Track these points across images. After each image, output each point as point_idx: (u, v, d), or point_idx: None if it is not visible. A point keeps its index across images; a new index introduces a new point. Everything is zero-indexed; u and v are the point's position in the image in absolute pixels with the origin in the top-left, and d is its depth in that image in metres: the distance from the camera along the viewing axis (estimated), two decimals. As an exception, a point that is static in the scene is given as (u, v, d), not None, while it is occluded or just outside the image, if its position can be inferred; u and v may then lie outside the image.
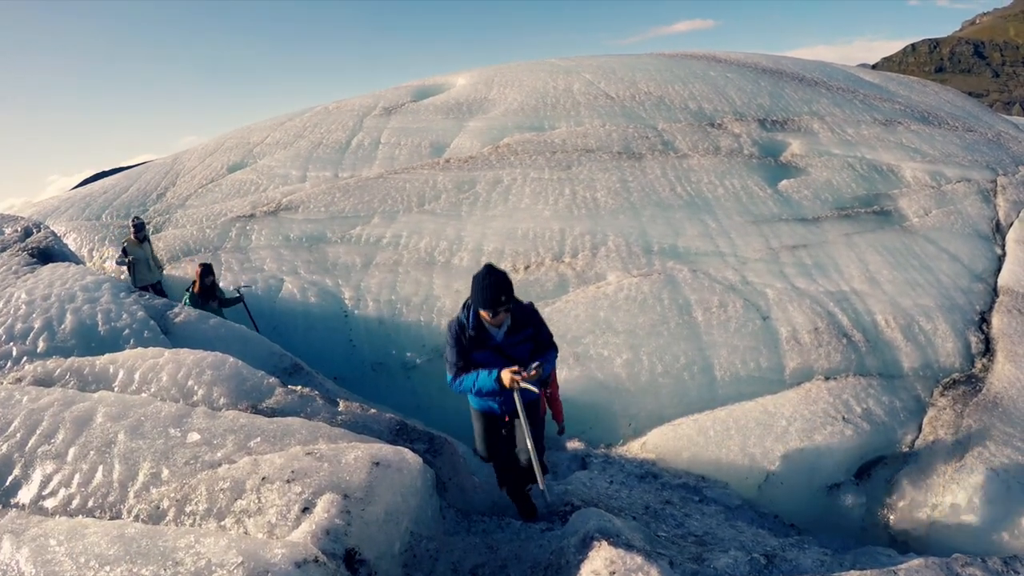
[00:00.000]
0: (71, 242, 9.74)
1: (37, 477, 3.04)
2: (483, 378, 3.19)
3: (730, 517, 4.12)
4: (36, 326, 4.95)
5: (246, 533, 2.51)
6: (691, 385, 5.56)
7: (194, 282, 6.70)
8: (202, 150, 12.91)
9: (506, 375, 3.09)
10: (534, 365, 3.11)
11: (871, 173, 9.22)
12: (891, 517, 4.44)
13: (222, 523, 2.60)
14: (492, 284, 3.08)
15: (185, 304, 6.23)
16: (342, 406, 4.08)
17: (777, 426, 4.94)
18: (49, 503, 2.91)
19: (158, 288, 8.17)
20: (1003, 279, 7.09)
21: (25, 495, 2.97)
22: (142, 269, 8.07)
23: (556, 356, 3.48)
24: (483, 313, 3.14)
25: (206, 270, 6.71)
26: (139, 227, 8.18)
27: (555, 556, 2.80)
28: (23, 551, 2.36)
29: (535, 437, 3.30)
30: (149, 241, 8.37)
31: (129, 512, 2.78)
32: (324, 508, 2.52)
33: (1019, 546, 3.94)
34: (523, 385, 3.06)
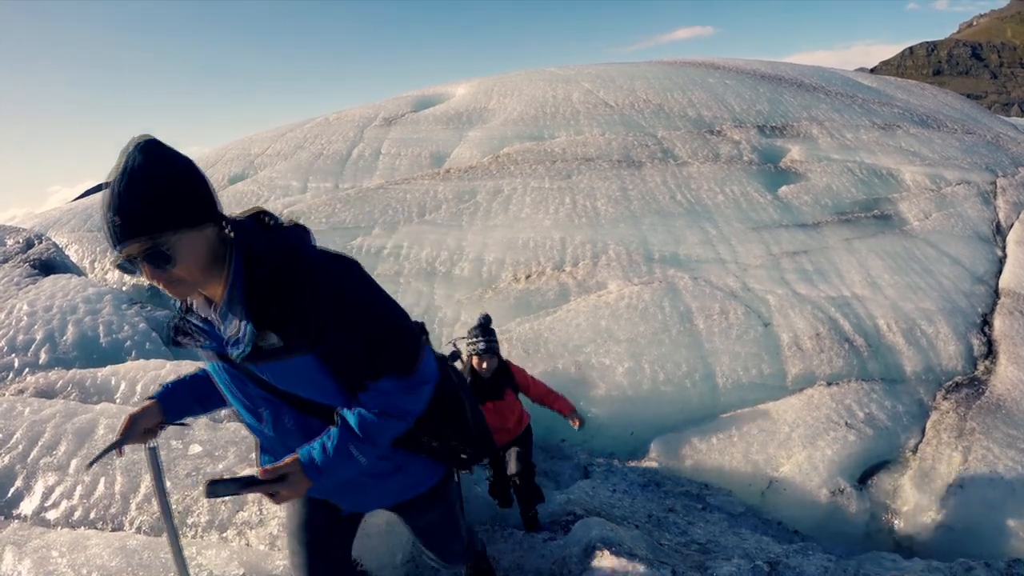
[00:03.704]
0: (73, 254, 9.77)
1: (39, 489, 3.04)
2: None
3: (733, 524, 4.10)
4: (38, 338, 4.97)
5: (248, 545, 2.51)
6: (693, 393, 5.55)
7: None
8: (203, 161, 12.97)
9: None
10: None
11: (871, 177, 9.24)
12: (895, 522, 4.42)
13: (224, 535, 2.60)
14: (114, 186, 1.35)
15: None
16: (344, 416, 4.07)
17: (780, 432, 4.94)
18: (51, 515, 2.91)
19: None
20: (1004, 281, 7.09)
21: (27, 507, 2.98)
22: None
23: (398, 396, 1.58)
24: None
25: None
26: None
27: (558, 566, 2.79)
28: (25, 562, 2.36)
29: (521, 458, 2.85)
30: None
31: (131, 524, 2.78)
32: (326, 519, 2.51)
33: (1025, 551, 3.92)
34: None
